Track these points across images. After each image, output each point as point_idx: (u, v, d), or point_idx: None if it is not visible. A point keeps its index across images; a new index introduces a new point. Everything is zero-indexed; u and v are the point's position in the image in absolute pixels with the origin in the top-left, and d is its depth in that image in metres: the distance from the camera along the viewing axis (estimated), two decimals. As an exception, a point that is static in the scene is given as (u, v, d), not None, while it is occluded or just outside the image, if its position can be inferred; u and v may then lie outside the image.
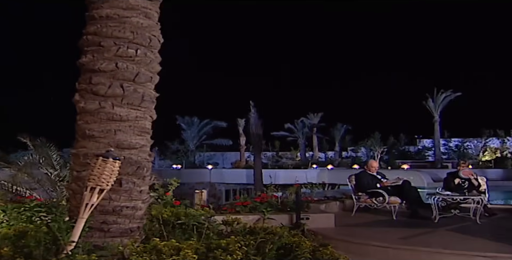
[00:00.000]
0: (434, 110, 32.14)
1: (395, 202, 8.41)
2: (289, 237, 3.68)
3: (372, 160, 9.42)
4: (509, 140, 31.87)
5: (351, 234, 6.88)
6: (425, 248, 5.64)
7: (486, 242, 6.07)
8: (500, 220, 8.05)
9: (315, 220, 7.33)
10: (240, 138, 37.98)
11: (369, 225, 7.74)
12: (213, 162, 38.02)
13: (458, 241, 6.20)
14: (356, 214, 8.76)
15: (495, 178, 21.44)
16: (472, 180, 9.00)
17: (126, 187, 3.33)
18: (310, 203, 8.15)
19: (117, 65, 3.46)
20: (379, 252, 5.93)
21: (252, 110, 24.27)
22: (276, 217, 7.31)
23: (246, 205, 7.62)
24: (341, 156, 39.42)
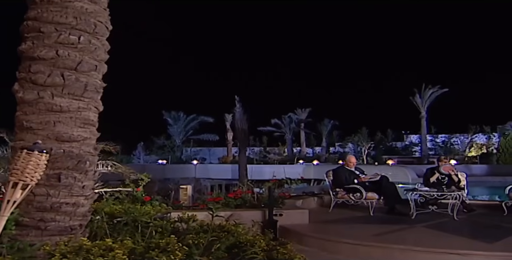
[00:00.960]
0: (421, 106, 32.15)
1: (373, 197, 8.25)
2: (243, 235, 3.48)
3: (350, 155, 9.24)
4: (495, 135, 31.95)
5: (325, 231, 6.70)
6: (396, 245, 5.46)
7: (461, 239, 5.91)
8: (478, 216, 7.91)
9: (289, 217, 7.14)
10: (227, 133, 37.83)
11: (344, 221, 7.56)
12: (200, 157, 37.80)
13: (433, 238, 6.04)
14: (333, 210, 8.59)
15: (479, 173, 21.40)
16: (452, 175, 8.87)
17: (65, 182, 3.10)
18: (285, 199, 7.96)
19: (57, 52, 3.22)
20: (350, 249, 5.75)
21: (237, 105, 24.03)
22: (249, 213, 7.12)
23: (218, 201, 7.41)
24: (328, 152, 39.39)
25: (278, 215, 7.10)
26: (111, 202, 4.77)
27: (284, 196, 8.00)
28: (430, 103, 32.16)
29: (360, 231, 6.48)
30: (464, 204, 8.46)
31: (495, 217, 7.78)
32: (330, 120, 38.13)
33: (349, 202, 8.50)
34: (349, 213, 8.36)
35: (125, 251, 2.45)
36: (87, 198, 3.25)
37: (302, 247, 6.28)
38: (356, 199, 8.35)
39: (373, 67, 47.49)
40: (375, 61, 47.58)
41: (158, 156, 34.19)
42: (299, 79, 49.05)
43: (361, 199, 8.26)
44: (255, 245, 3.30)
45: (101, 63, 3.49)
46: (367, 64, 47.74)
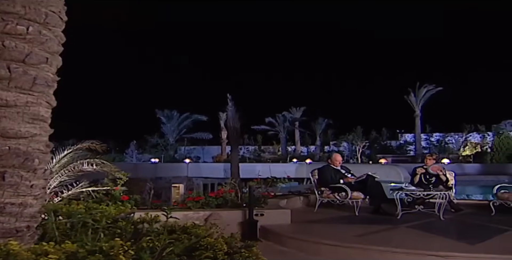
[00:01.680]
0: (415, 105, 32.04)
1: (358, 197, 8.07)
2: (204, 238, 3.28)
3: (336, 154, 9.05)
4: (489, 135, 31.84)
5: (305, 231, 6.52)
6: (376, 247, 5.27)
7: (444, 240, 5.72)
8: (465, 216, 7.74)
9: (270, 217, 6.96)
10: (221, 132, 37.59)
11: (328, 221, 7.38)
12: (194, 156, 37.61)
13: (415, 239, 5.85)
14: (318, 210, 8.41)
15: (472, 172, 21.29)
16: (440, 175, 8.70)
17: (11, 181, 2.90)
18: (268, 198, 7.76)
19: (3, 43, 3.01)
20: (329, 250, 5.56)
21: (229, 104, 23.78)
22: (229, 213, 6.95)
23: (198, 200, 7.21)
24: (323, 150, 39.22)
25: (259, 215, 6.92)
26: (75, 202, 4.55)
27: (266, 196, 7.80)
28: (425, 102, 32.05)
29: (342, 232, 6.29)
30: (452, 204, 8.30)
31: (483, 217, 7.61)
32: (324, 119, 37.98)
33: (334, 202, 8.32)
34: (334, 212, 8.18)
35: (61, 256, 2.25)
36: (36, 198, 3.05)
37: (281, 248, 6.12)
38: (342, 199, 8.17)
39: (368, 66, 47.36)
40: (371, 60, 47.47)
41: (151, 155, 33.98)
42: (294, 78, 48.89)
43: (346, 199, 8.08)
44: (215, 248, 3.10)
45: (54, 55, 3.27)
46: (362, 63, 47.63)
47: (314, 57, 49.21)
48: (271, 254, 5.90)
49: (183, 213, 6.86)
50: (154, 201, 7.41)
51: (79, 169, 7.71)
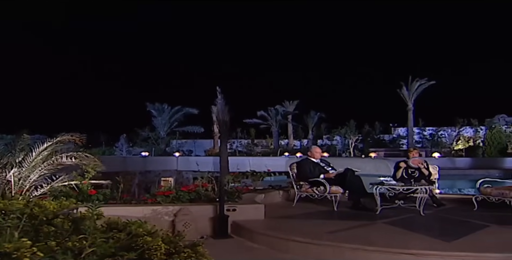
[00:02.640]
0: (408, 99, 31.77)
1: (337, 191, 7.80)
2: (141, 237, 2.99)
3: (315, 146, 8.75)
4: (482, 129, 31.64)
5: (278, 227, 6.24)
6: (348, 245, 5.02)
7: (420, 236, 5.47)
8: (447, 212, 7.49)
9: (243, 212, 6.70)
10: (213, 125, 37.21)
11: (304, 216, 7.11)
12: (187, 150, 37.29)
13: (391, 236, 5.59)
14: (297, 204, 8.15)
15: (463, 166, 21.08)
16: (422, 169, 8.44)
17: None
18: (241, 192, 7.49)
19: None
20: (299, 248, 5.31)
21: (219, 97, 23.44)
22: (199, 208, 6.69)
23: (168, 194, 6.93)
24: (316, 144, 38.95)
25: (231, 210, 6.66)
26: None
27: (240, 190, 7.52)
28: (417, 96, 31.77)
29: (316, 228, 6.03)
30: (434, 199, 8.05)
31: (464, 212, 7.37)
32: (316, 112, 37.67)
33: (313, 196, 8.05)
34: (313, 207, 7.93)
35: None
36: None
37: (252, 245, 5.88)
38: (320, 193, 7.90)
39: (362, 59, 47.05)
40: (364, 53, 47.16)
41: (142, 148, 33.64)
42: (287, 71, 48.52)
43: (325, 193, 7.81)
44: (151, 247, 2.81)
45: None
46: (356, 57, 47.30)
47: (307, 50, 48.88)
48: (240, 251, 5.66)
49: (152, 208, 6.60)
50: (124, 195, 7.12)
51: (58, 162, 7.46)
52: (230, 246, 5.90)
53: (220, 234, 6.39)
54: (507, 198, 7.11)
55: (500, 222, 6.44)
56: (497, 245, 4.99)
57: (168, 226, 6.47)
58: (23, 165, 7.19)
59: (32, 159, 7.24)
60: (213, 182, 8.33)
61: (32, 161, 7.25)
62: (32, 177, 7.17)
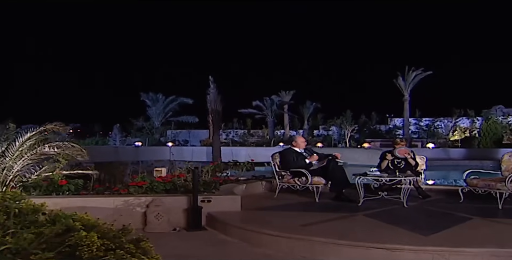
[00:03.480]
0: (404, 89, 31.39)
1: (319, 182, 7.55)
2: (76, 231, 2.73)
3: (298, 136, 8.51)
4: (478, 119, 31.34)
5: (253, 219, 6.02)
6: (318, 238, 4.78)
7: (398, 230, 5.22)
8: (430, 203, 7.24)
9: (219, 203, 6.47)
10: (209, 115, 36.89)
11: (283, 208, 6.86)
12: (182, 140, 37.01)
13: (368, 229, 5.36)
14: (279, 195, 7.92)
15: (457, 157, 20.83)
16: (409, 159, 8.18)
17: None
18: (219, 183, 7.24)
19: None
20: (271, 241, 5.09)
21: (211, 86, 23.19)
22: (173, 199, 6.46)
23: (141, 185, 6.68)
24: (312, 134, 38.71)
25: (206, 201, 6.42)
26: None
27: (217, 180, 7.28)
28: (414, 86, 31.41)
29: (292, 220, 5.78)
30: (420, 190, 7.80)
31: (450, 204, 7.13)
32: (312, 102, 37.35)
33: (295, 187, 7.82)
34: (294, 199, 7.70)
35: None
36: None
37: (225, 237, 5.66)
38: (302, 184, 7.66)
39: (359, 49, 46.63)
40: (361, 43, 46.71)
41: (137, 138, 33.36)
42: (284, 61, 48.09)
43: (307, 184, 7.57)
44: (84, 244, 2.56)
45: None
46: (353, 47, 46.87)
47: (303, 40, 48.41)
48: (210, 244, 5.43)
49: (124, 199, 6.37)
50: (96, 186, 6.86)
51: (41, 152, 7.23)
52: (202, 239, 5.67)
53: (193, 226, 6.16)
54: (493, 190, 6.87)
55: (484, 214, 6.22)
56: (476, 239, 4.75)
57: (140, 217, 6.25)
58: (6, 155, 6.99)
59: (15, 149, 7.03)
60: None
61: (16, 151, 7.04)
62: (16, 167, 6.97)
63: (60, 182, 6.67)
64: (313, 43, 47.86)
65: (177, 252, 5.15)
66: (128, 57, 46.30)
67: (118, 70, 44.95)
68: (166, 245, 5.41)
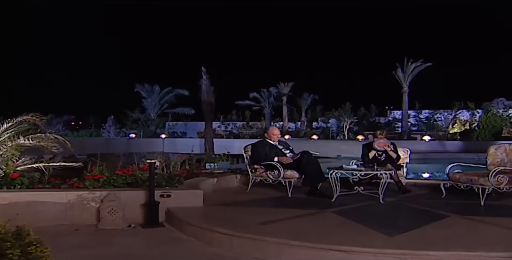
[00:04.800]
0: (403, 81, 30.85)
1: (292, 176, 7.11)
2: None
3: (273, 127, 8.01)
4: (479, 112, 30.75)
5: (212, 216, 5.61)
6: (272, 238, 4.34)
7: (364, 229, 4.76)
8: (409, 199, 6.77)
9: (180, 198, 6.07)
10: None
11: (250, 203, 6.44)
12: (180, 132, 36.62)
13: (332, 228, 4.91)
14: (251, 190, 7.51)
15: (454, 150, 20.35)
16: (389, 152, 7.73)
17: None
18: (182, 177, 6.81)
19: None
20: (224, 240, 4.67)
21: (203, 77, 22.70)
22: (131, 193, 6.05)
23: (98, 178, 6.25)
24: (310, 126, 38.26)
25: (165, 196, 6.00)
26: None
27: (180, 174, 6.84)
28: (413, 78, 30.85)
29: (252, 217, 5.34)
30: (400, 185, 7.35)
31: (430, 200, 6.69)
32: (310, 94, 36.83)
33: (267, 181, 7.38)
34: (266, 193, 7.28)
35: None
36: None
37: (179, 235, 5.27)
38: (274, 178, 7.22)
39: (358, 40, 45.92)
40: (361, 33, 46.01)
41: (133, 130, 32.98)
42: (283, 53, 47.46)
43: (279, 178, 7.13)
44: None
45: None
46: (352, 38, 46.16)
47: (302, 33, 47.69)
48: (162, 243, 5.02)
49: (77, 193, 5.95)
50: (52, 179, 6.44)
51: (16, 144, 6.89)
52: (154, 237, 5.26)
53: (149, 223, 5.75)
54: (476, 185, 6.40)
55: (463, 211, 5.78)
56: (446, 239, 4.30)
57: (95, 213, 5.85)
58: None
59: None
60: (163, 164, 7.71)
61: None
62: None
63: (12, 175, 6.24)
64: (311, 34, 47.19)
65: (122, 250, 4.78)
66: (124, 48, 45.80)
67: (114, 61, 44.44)
68: (114, 243, 5.04)
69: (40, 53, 42.86)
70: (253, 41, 46.92)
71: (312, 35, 46.96)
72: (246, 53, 45.95)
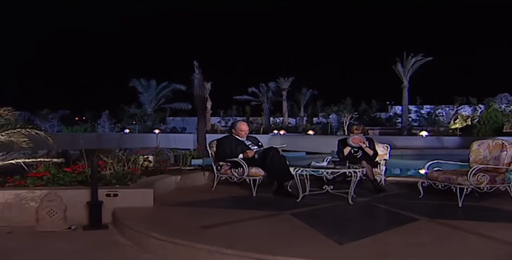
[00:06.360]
0: (403, 76, 30.24)
1: (257, 174, 6.59)
2: None
3: (241, 122, 7.46)
4: (481, 107, 30.08)
5: (154, 218, 5.13)
6: (204, 245, 3.84)
7: (314, 235, 4.21)
8: (382, 200, 6.21)
9: (128, 197, 5.58)
10: (206, 102, 36.02)
11: (206, 204, 5.93)
12: (180, 127, 36.24)
13: (278, 234, 4.37)
14: (218, 188, 7.03)
15: (451, 146, 19.72)
16: (365, 148, 7.20)
17: None
18: (135, 174, 6.31)
19: None
20: (158, 246, 4.19)
21: (196, 71, 22.18)
22: (75, 193, 5.57)
23: (41, 176, 5.77)
24: (311, 122, 37.76)
25: (111, 196, 5.52)
26: None
27: (132, 171, 6.34)
28: (413, 72, 30.21)
29: (197, 220, 4.83)
30: (375, 183, 6.82)
31: (405, 201, 6.15)
32: (308, 89, 36.27)
33: (232, 179, 6.87)
34: (231, 192, 6.79)
35: None
36: None
37: (118, 239, 4.80)
38: (239, 175, 6.71)
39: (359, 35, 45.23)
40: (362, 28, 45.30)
41: (129, 125, 32.62)
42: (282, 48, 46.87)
43: (244, 176, 6.62)
44: None
45: None
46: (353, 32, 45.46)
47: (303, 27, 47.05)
48: (98, 247, 4.55)
49: (15, 192, 5.47)
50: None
51: None
52: (91, 240, 4.78)
53: (92, 225, 5.27)
54: (454, 184, 5.85)
55: (436, 214, 5.25)
56: (405, 249, 3.79)
57: (34, 214, 5.35)
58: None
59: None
60: (124, 161, 7.20)
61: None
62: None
63: None
64: (311, 29, 46.54)
65: (46, 256, 4.29)
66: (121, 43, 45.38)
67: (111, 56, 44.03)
68: (43, 248, 4.57)
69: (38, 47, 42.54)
70: (252, 36, 46.36)
71: (312, 30, 46.36)
72: (245, 48, 45.42)
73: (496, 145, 6.39)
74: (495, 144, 6.43)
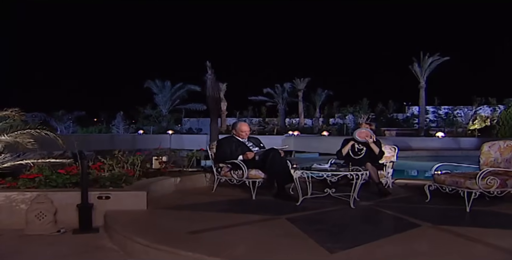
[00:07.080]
0: (420, 76, 29.69)
1: (256, 176, 6.38)
2: None
3: (241, 123, 7.24)
4: (500, 108, 29.37)
5: (143, 222, 4.92)
6: (186, 253, 3.65)
7: (304, 243, 3.97)
8: (386, 204, 5.93)
9: (120, 200, 5.41)
10: (221, 103, 35.94)
11: (205, 207, 5.74)
12: (196, 128, 36.21)
13: (266, 240, 4.12)
14: (218, 190, 6.85)
15: (467, 147, 19.23)
16: (370, 144, 6.91)
17: None
18: (129, 176, 6.15)
19: None
20: (141, 251, 4.01)
21: (208, 72, 22.04)
22: (66, 195, 5.42)
23: (33, 178, 5.65)
24: (327, 123, 37.40)
25: (103, 198, 5.36)
26: None
27: (126, 173, 6.18)
28: (431, 72, 29.64)
29: (187, 225, 4.64)
30: (380, 186, 6.54)
31: (410, 205, 5.88)
32: (324, 90, 35.90)
33: (232, 181, 6.68)
34: (231, 195, 6.60)
35: None
36: None
37: (105, 243, 4.64)
38: (238, 178, 6.51)
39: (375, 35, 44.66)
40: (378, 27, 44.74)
41: (144, 126, 32.65)
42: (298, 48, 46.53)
43: (243, 178, 6.42)
44: None
45: None
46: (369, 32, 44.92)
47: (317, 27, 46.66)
48: (81, 251, 4.39)
49: (5, 194, 5.34)
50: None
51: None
52: (77, 244, 4.62)
53: (82, 228, 5.11)
54: (461, 188, 5.55)
55: (440, 220, 4.96)
56: (393, 259, 3.53)
57: (24, 216, 5.22)
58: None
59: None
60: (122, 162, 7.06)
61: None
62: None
63: None
64: (327, 30, 46.12)
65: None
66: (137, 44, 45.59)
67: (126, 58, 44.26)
68: (26, 252, 4.43)
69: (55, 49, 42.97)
70: (268, 36, 46.14)
71: (328, 30, 45.93)
72: (260, 48, 45.22)
73: (507, 146, 6.08)
74: (506, 146, 6.13)
